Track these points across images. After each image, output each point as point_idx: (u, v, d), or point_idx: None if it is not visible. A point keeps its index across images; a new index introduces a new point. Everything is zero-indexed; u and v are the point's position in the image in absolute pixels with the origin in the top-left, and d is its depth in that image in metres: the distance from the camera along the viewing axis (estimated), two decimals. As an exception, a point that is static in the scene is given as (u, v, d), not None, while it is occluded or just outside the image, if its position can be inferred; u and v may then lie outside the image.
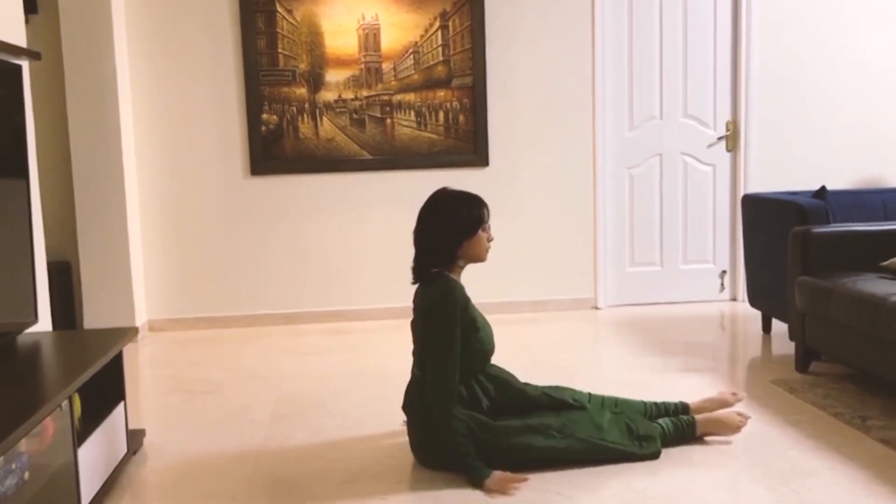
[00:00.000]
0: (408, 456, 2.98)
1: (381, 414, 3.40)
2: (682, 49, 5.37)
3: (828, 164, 5.48)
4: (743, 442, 3.13)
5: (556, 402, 2.98)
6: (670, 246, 5.52)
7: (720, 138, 5.47)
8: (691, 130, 5.46)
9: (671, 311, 5.34)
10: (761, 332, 4.66)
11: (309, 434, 3.26)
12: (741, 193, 5.31)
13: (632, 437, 2.89)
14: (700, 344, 4.57)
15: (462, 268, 2.99)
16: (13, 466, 2.10)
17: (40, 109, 4.52)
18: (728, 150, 5.49)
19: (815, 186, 4.64)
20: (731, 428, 3.08)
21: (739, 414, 3.12)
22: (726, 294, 5.58)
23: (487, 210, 2.98)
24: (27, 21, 4.17)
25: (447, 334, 2.80)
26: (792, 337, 3.97)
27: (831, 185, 4.85)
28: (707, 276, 5.56)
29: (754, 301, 4.65)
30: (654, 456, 2.90)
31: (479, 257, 2.99)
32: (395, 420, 3.26)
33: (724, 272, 5.57)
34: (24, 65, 3.18)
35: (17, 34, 3.36)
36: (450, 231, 2.91)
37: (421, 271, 2.95)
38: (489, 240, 3.01)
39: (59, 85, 4.84)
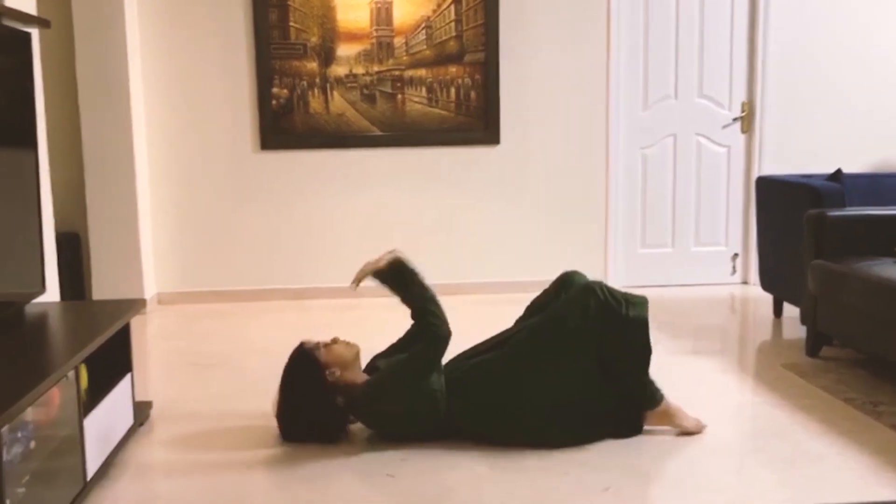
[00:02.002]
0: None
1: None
2: (699, 28, 5.30)
3: (844, 146, 5.41)
4: (751, 426, 3.11)
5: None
6: (682, 227, 5.47)
7: (735, 119, 5.41)
8: (706, 111, 5.40)
9: (682, 293, 5.30)
10: (772, 316, 4.62)
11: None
12: (755, 175, 5.25)
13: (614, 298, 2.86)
14: (710, 327, 4.54)
15: (344, 378, 2.90)
16: (19, 435, 2.09)
17: (49, 79, 4.49)
18: (743, 132, 5.43)
19: (831, 169, 4.58)
20: (686, 425, 2.93)
21: (698, 423, 2.97)
22: (738, 277, 5.55)
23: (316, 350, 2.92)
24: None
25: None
26: (803, 321, 3.94)
27: (847, 169, 4.79)
28: (719, 259, 5.52)
29: (766, 284, 4.61)
30: (640, 319, 2.85)
31: (344, 362, 2.91)
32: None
33: (736, 255, 5.52)
34: (34, 33, 3.15)
35: (26, 1, 3.33)
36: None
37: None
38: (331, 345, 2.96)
39: (68, 55, 4.81)
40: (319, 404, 2.85)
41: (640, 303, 2.89)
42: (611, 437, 2.88)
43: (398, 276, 2.93)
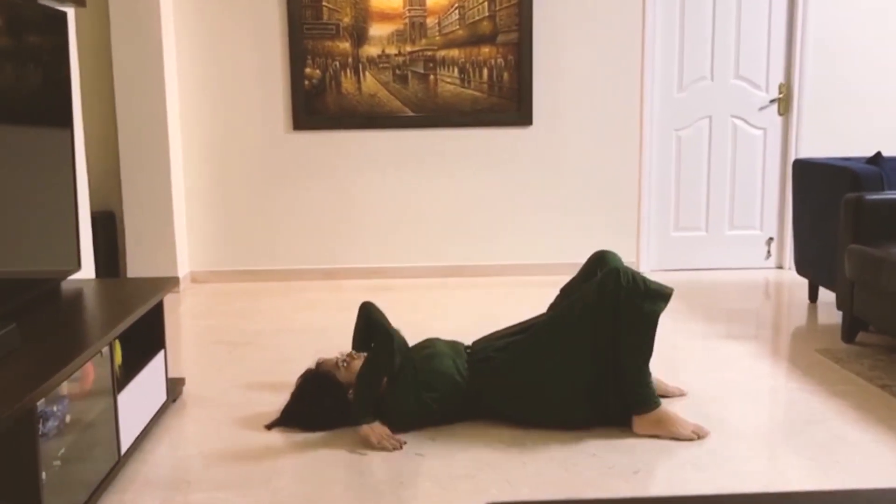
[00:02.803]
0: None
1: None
2: (736, 7, 5.21)
3: (884, 129, 5.30)
4: (785, 411, 3.07)
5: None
6: (717, 211, 5.41)
7: (772, 101, 5.32)
8: (742, 92, 5.31)
9: (715, 277, 5.25)
10: (807, 301, 4.56)
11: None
12: (792, 158, 5.18)
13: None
14: (744, 311, 4.49)
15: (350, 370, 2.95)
16: (55, 409, 2.13)
17: (85, 58, 4.54)
18: (780, 114, 5.34)
19: (870, 152, 4.49)
20: (681, 432, 2.78)
21: (697, 429, 2.81)
22: (772, 261, 5.47)
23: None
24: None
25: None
26: (839, 306, 3.88)
27: (887, 152, 4.70)
28: (753, 243, 5.45)
29: (801, 269, 4.54)
30: (651, 315, 2.77)
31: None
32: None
33: (771, 239, 5.45)
34: (70, 11, 3.18)
35: (62, -19, 3.36)
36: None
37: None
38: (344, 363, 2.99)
39: (104, 36, 4.86)
40: (345, 420, 2.87)
41: (661, 297, 2.78)
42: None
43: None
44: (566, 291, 3.14)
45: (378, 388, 2.81)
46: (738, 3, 5.20)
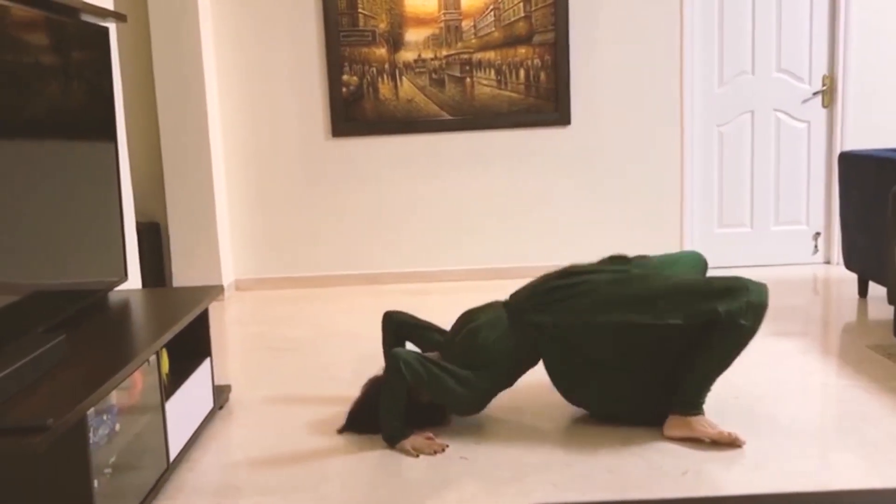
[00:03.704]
0: (486, 417, 2.97)
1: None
2: (776, -1, 5.13)
3: (933, 119, 5.18)
4: (837, 408, 3.01)
5: None
6: (761, 206, 5.32)
7: (816, 93, 5.22)
8: (785, 85, 5.22)
9: (761, 273, 5.15)
10: (857, 296, 4.46)
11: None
12: (837, 151, 5.07)
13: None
14: (792, 308, 4.41)
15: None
16: (105, 418, 2.16)
17: (127, 73, 4.61)
18: (824, 106, 5.23)
19: (919, 142, 4.39)
20: (712, 434, 2.70)
21: (735, 440, 2.70)
22: (820, 256, 5.37)
23: None
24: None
25: None
26: (890, 301, 3.79)
27: (937, 142, 4.58)
28: (800, 238, 5.35)
29: (850, 263, 4.45)
30: (750, 330, 2.68)
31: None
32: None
33: (818, 234, 5.34)
34: (111, 27, 3.24)
35: (104, -2, 3.43)
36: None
37: None
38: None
39: (145, 49, 4.94)
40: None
41: (761, 309, 2.69)
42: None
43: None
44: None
45: (401, 405, 2.77)
46: (778, -6, 5.12)
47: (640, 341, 2.74)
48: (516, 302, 2.93)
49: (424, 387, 2.76)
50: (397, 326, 3.12)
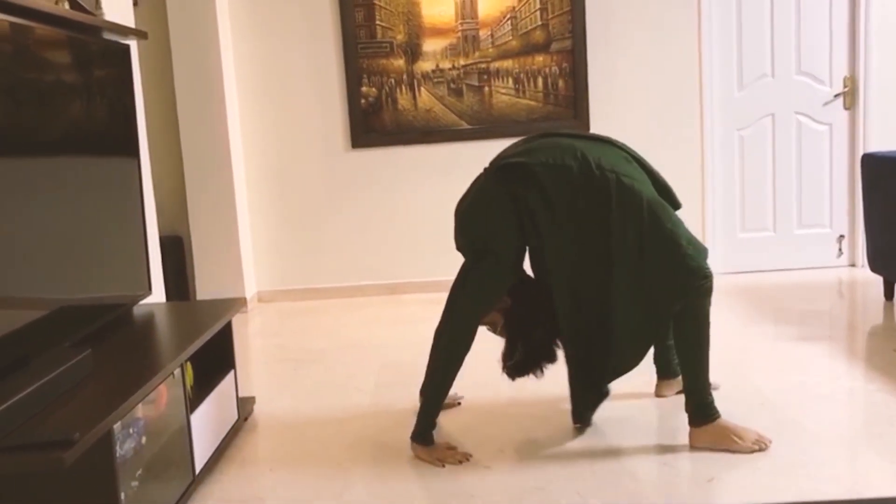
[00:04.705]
0: (510, 424, 2.97)
1: (484, 383, 3.39)
2: (795, 1, 5.09)
3: (957, 118, 5.12)
4: (865, 413, 2.97)
5: None
6: (784, 210, 5.28)
7: (837, 95, 5.18)
8: (805, 88, 5.18)
9: (785, 277, 5.12)
10: (883, 299, 4.41)
11: (412, 401, 3.27)
12: (860, 153, 5.02)
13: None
14: (816, 312, 4.37)
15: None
16: (131, 431, 2.18)
17: (149, 88, 4.67)
18: (846, 108, 5.19)
19: (944, 143, 4.34)
20: (739, 445, 2.64)
21: (759, 439, 2.67)
22: (844, 259, 5.32)
23: None
24: (136, 4, 4.30)
25: None
26: (918, 303, 3.75)
27: (962, 141, 4.53)
28: (824, 241, 5.30)
29: (875, 266, 4.40)
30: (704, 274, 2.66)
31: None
32: (499, 387, 3.24)
33: (842, 236, 5.29)
34: (133, 44, 3.28)
35: (125, 15, 3.47)
36: None
37: None
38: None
39: (166, 64, 4.99)
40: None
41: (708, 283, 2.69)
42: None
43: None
44: None
45: (441, 402, 2.79)
46: (797, -4, 5.08)
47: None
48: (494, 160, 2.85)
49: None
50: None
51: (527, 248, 2.78)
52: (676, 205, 2.86)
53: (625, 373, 2.83)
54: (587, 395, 2.86)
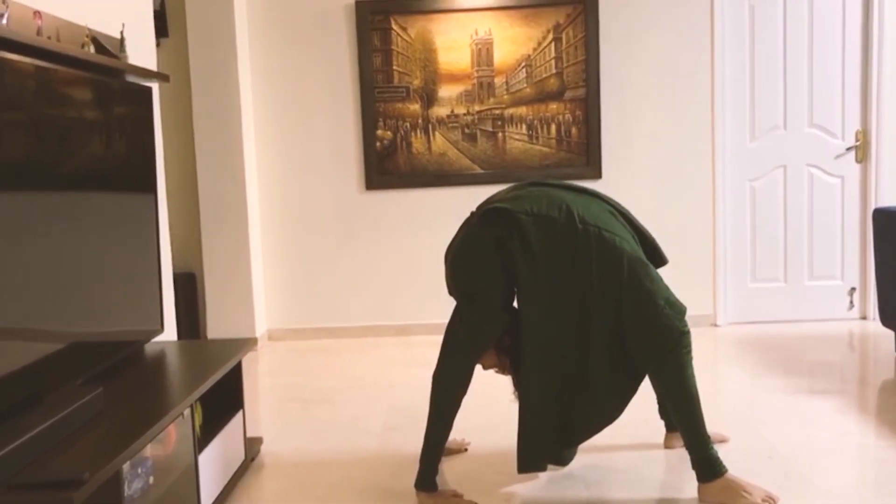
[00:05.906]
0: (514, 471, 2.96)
1: (491, 427, 3.39)
2: (808, 53, 5.14)
3: (970, 174, 5.12)
4: (875, 471, 2.95)
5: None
6: (795, 261, 5.28)
7: (849, 149, 5.21)
8: (817, 140, 5.22)
9: (796, 329, 5.10)
10: (894, 353, 4.39)
11: (419, 445, 3.26)
12: (872, 206, 5.03)
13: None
14: (827, 364, 4.35)
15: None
16: (139, 471, 2.19)
17: (168, 129, 4.74)
18: (858, 161, 5.21)
19: (956, 198, 4.35)
20: (748, 501, 2.60)
21: (768, 496, 2.63)
22: (855, 312, 5.30)
23: None
24: (158, 45, 4.39)
25: None
26: (929, 359, 3.73)
27: (973, 197, 4.54)
28: (835, 293, 5.29)
29: (886, 320, 4.39)
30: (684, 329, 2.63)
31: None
32: (506, 431, 3.23)
33: (853, 289, 5.28)
34: (154, 86, 3.34)
35: (148, 58, 3.55)
36: None
37: None
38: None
39: (186, 105, 5.08)
40: None
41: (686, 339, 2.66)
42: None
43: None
44: None
45: (441, 446, 2.80)
46: (810, 49, 5.13)
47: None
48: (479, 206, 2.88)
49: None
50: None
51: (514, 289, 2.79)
52: (662, 261, 2.86)
53: (602, 429, 2.83)
54: (550, 446, 2.81)
